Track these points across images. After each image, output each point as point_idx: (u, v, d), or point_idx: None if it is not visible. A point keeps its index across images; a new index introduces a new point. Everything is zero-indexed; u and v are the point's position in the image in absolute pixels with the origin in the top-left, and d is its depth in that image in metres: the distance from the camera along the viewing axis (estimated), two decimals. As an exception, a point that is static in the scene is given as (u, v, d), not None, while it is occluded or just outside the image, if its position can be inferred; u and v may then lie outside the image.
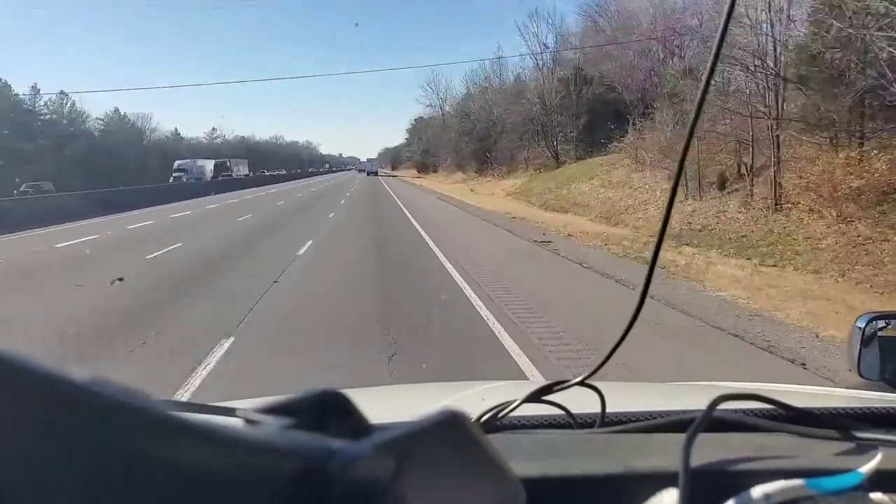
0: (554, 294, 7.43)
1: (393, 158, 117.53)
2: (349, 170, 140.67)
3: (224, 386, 4.26)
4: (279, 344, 5.42)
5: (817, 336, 5.41)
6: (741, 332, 5.55)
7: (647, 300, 0.67)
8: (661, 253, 0.68)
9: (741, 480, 0.54)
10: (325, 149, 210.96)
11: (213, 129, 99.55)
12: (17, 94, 54.63)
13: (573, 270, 9.21)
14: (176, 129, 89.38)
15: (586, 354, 4.76)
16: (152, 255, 11.09)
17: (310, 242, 12.37)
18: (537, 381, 2.15)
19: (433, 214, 19.94)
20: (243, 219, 19.35)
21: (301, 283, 8.34)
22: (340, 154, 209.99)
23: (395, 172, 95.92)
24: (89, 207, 23.14)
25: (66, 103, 59.97)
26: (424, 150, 72.56)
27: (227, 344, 5.23)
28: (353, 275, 8.96)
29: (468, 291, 7.39)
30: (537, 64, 37.57)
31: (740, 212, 13.15)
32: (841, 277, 8.30)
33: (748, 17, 12.94)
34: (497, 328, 5.72)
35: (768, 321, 5.99)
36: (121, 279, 8.26)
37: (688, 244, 11.50)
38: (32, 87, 57.78)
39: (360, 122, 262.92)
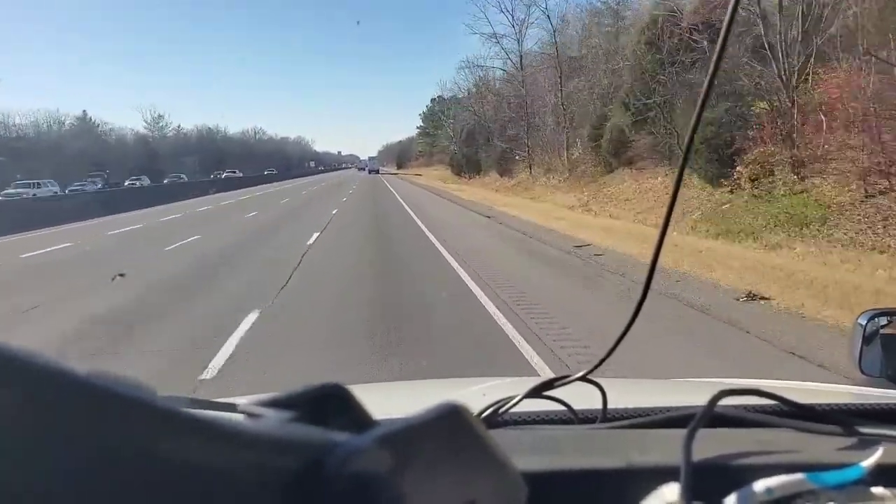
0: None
1: (399, 155, 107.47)
2: (347, 168, 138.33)
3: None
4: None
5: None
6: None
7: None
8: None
9: (742, 475, 0.54)
10: (322, 146, 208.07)
11: (159, 115, 74.68)
12: None
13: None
14: (84, 112, 65.28)
15: None
16: None
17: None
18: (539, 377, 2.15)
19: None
20: None
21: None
22: (339, 152, 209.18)
23: (398, 171, 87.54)
24: None
25: None
26: (469, 138, 42.07)
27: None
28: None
29: None
30: None
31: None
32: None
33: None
34: None
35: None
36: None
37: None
38: None
39: (361, 121, 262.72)
